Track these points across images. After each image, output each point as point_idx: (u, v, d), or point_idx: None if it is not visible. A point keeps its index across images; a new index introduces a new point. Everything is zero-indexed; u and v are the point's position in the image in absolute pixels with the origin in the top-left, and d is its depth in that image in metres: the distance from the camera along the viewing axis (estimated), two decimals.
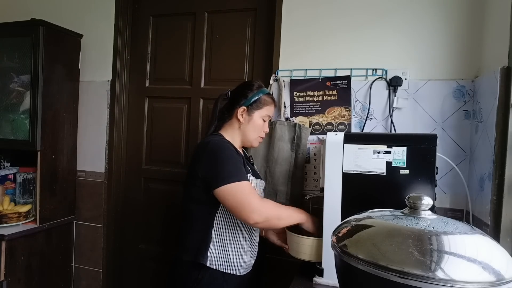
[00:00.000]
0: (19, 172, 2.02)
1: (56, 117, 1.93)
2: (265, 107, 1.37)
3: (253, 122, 1.35)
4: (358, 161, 1.16)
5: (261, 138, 1.41)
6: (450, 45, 1.45)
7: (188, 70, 1.95)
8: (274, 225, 1.27)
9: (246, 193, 1.17)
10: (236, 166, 1.22)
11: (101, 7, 2.06)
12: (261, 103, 1.36)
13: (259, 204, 1.18)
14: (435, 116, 1.47)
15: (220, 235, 1.25)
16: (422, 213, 0.71)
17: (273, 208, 1.24)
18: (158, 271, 2.02)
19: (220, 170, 1.19)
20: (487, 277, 0.57)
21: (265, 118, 1.38)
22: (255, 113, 1.35)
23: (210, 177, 1.21)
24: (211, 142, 1.26)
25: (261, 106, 1.36)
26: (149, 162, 2.05)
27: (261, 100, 1.36)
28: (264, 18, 1.79)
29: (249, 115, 1.35)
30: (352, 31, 1.58)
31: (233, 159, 1.23)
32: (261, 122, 1.37)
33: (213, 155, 1.22)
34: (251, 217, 1.15)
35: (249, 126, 1.36)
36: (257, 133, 1.38)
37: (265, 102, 1.37)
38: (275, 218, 1.23)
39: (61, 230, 2.02)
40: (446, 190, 1.45)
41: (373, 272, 0.60)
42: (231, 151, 1.25)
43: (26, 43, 1.82)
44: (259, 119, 1.36)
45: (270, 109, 1.39)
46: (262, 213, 1.17)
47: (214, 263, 1.23)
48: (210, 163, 1.22)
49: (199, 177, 1.24)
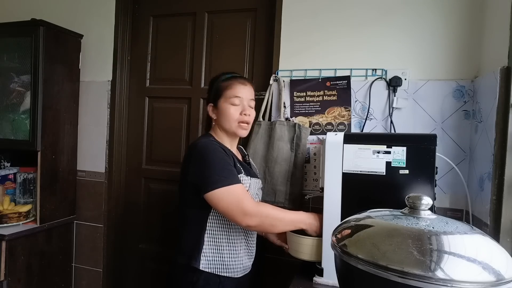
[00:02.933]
0: (19, 172, 2.02)
1: (56, 117, 1.94)
2: (226, 91, 1.29)
3: (222, 112, 1.29)
4: (357, 161, 1.16)
5: (244, 123, 1.29)
6: (450, 45, 1.45)
7: (188, 70, 1.95)
8: (268, 229, 1.25)
9: (237, 197, 1.14)
10: (225, 169, 1.18)
11: (101, 7, 2.06)
12: (219, 90, 1.30)
13: (251, 207, 1.15)
14: (435, 116, 1.47)
15: (214, 238, 1.23)
16: (422, 213, 0.71)
17: (267, 212, 1.19)
18: (158, 271, 2.02)
19: (209, 175, 1.16)
20: (487, 277, 0.57)
21: (233, 102, 1.27)
22: (220, 102, 1.29)
23: (200, 182, 1.17)
24: (198, 145, 1.23)
25: (221, 92, 1.29)
26: (149, 162, 2.06)
27: (219, 87, 1.30)
28: (264, 18, 1.79)
29: (216, 108, 1.31)
30: (352, 31, 1.58)
31: (222, 162, 1.19)
32: (230, 107, 1.27)
33: (201, 158, 1.19)
34: (244, 220, 1.14)
35: (221, 118, 1.29)
36: (233, 120, 1.28)
37: (224, 86, 1.30)
38: (268, 224, 1.19)
39: (61, 230, 2.02)
40: (446, 190, 1.45)
41: (373, 272, 0.60)
42: (219, 152, 1.21)
43: (27, 43, 1.82)
44: (226, 106, 1.28)
45: (234, 90, 1.28)
46: (254, 216, 1.14)
47: (208, 266, 1.21)
48: (198, 167, 1.19)
49: (189, 181, 1.21)
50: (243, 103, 1.29)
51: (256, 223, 1.15)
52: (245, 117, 1.28)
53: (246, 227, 1.17)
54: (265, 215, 1.18)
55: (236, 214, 1.14)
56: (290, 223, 1.24)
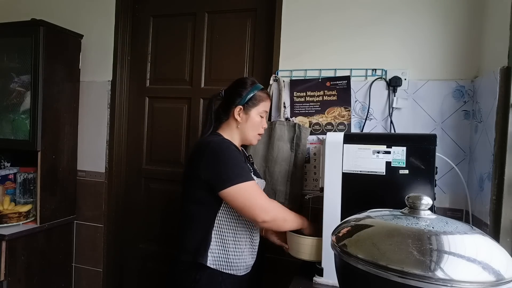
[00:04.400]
0: (19, 172, 2.02)
1: (56, 117, 1.94)
2: (261, 103, 1.36)
3: (251, 120, 1.35)
4: (357, 161, 1.16)
5: (259, 135, 1.41)
6: (449, 45, 1.45)
7: (188, 70, 1.95)
8: (279, 226, 1.28)
9: (254, 193, 1.19)
10: (240, 166, 1.22)
11: (101, 7, 2.06)
12: (256, 100, 1.35)
13: (267, 203, 1.21)
14: (435, 116, 1.47)
15: (221, 235, 1.25)
16: (422, 213, 0.71)
17: (280, 209, 1.26)
18: (158, 271, 2.02)
19: (224, 172, 1.19)
20: (487, 277, 0.57)
21: (262, 114, 1.37)
22: (252, 110, 1.35)
23: (214, 179, 1.20)
24: (211, 143, 1.24)
25: (257, 103, 1.35)
26: (149, 162, 2.06)
27: (256, 97, 1.35)
28: (264, 19, 1.80)
29: (246, 114, 1.34)
30: (352, 31, 1.58)
31: (237, 159, 1.23)
32: (259, 119, 1.36)
33: (216, 156, 1.21)
34: (260, 215, 1.17)
35: (247, 125, 1.35)
36: (256, 131, 1.37)
37: (260, 98, 1.36)
38: (281, 219, 1.25)
39: (61, 230, 2.02)
40: (446, 190, 1.45)
41: (373, 271, 0.60)
42: (234, 151, 1.25)
43: (27, 43, 1.82)
44: (256, 116, 1.35)
45: (266, 105, 1.38)
46: (270, 212, 1.20)
47: (214, 263, 1.23)
48: (213, 165, 1.21)
49: (201, 179, 1.22)
50: (264, 118, 1.40)
51: (271, 218, 1.21)
52: (262, 130, 1.41)
53: (262, 222, 1.20)
54: (278, 211, 1.24)
55: (254, 210, 1.18)
56: (296, 221, 1.30)
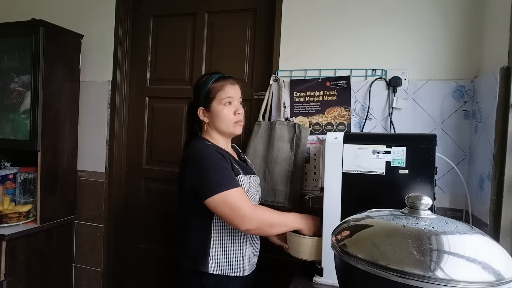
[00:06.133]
0: (19, 172, 2.02)
1: (56, 117, 1.94)
2: (218, 93, 1.29)
3: (217, 114, 1.29)
4: (357, 161, 1.16)
5: (239, 122, 1.32)
6: (449, 45, 1.46)
7: (188, 70, 1.95)
8: (265, 232, 1.26)
9: (236, 201, 1.15)
10: (222, 173, 1.18)
11: (101, 7, 2.06)
12: (211, 93, 1.29)
13: (250, 211, 1.16)
14: (435, 116, 1.47)
15: (220, 240, 1.24)
16: (422, 213, 0.71)
17: (265, 215, 1.21)
18: (158, 271, 2.02)
19: (206, 180, 1.16)
20: (487, 277, 0.57)
21: (226, 102, 1.29)
22: (213, 105, 1.29)
23: (198, 188, 1.18)
24: (193, 150, 1.23)
25: (213, 95, 1.29)
26: (149, 162, 2.06)
27: (210, 90, 1.29)
28: (264, 19, 1.80)
29: (208, 111, 1.30)
30: (352, 31, 1.58)
31: (219, 166, 1.19)
32: (224, 108, 1.29)
33: (197, 165, 1.19)
34: (243, 224, 1.15)
35: (216, 120, 1.30)
36: (229, 121, 1.30)
37: (215, 89, 1.29)
38: (267, 225, 1.21)
39: (61, 230, 2.02)
40: (446, 190, 1.45)
41: (373, 271, 0.60)
42: (215, 157, 1.21)
43: (27, 43, 1.82)
44: (220, 108, 1.29)
45: (226, 91, 1.29)
46: (253, 220, 1.16)
47: (216, 269, 1.22)
48: (195, 174, 1.19)
49: (188, 187, 1.22)
50: (235, 103, 1.32)
51: (255, 226, 1.17)
52: (239, 116, 1.32)
53: (245, 231, 1.18)
54: (263, 218, 1.20)
55: (235, 219, 1.15)
56: (285, 225, 1.26)
